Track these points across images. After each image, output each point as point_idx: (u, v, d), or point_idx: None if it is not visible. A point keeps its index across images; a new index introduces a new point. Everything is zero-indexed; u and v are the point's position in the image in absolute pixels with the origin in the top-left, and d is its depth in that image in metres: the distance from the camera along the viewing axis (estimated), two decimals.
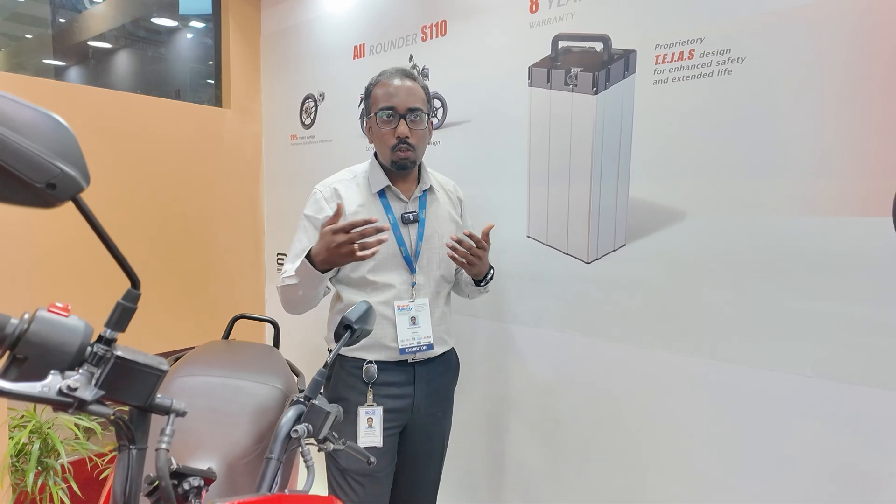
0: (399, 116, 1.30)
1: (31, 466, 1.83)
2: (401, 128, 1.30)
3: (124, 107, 2.15)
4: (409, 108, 1.31)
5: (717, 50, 1.29)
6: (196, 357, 1.55)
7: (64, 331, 0.55)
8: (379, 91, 1.33)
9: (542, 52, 1.58)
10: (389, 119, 1.31)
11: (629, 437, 1.49)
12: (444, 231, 1.42)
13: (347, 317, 0.99)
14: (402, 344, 1.33)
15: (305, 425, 0.82)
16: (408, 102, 1.31)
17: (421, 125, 1.33)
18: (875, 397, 1.12)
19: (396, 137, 1.30)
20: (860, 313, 1.14)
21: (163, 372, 0.59)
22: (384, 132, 1.32)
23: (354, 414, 1.30)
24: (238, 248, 2.54)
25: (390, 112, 1.30)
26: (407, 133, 1.30)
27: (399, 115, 1.30)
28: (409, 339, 1.34)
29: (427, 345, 1.35)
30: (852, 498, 1.16)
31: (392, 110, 1.30)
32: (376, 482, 1.33)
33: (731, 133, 1.28)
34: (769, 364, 1.25)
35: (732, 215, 1.28)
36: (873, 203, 1.11)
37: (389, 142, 1.31)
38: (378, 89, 1.34)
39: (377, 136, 1.35)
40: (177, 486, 0.66)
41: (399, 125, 1.30)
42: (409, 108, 1.31)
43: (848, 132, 1.14)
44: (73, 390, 0.52)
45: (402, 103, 1.30)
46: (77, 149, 0.54)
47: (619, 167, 1.46)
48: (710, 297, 1.33)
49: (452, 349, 1.50)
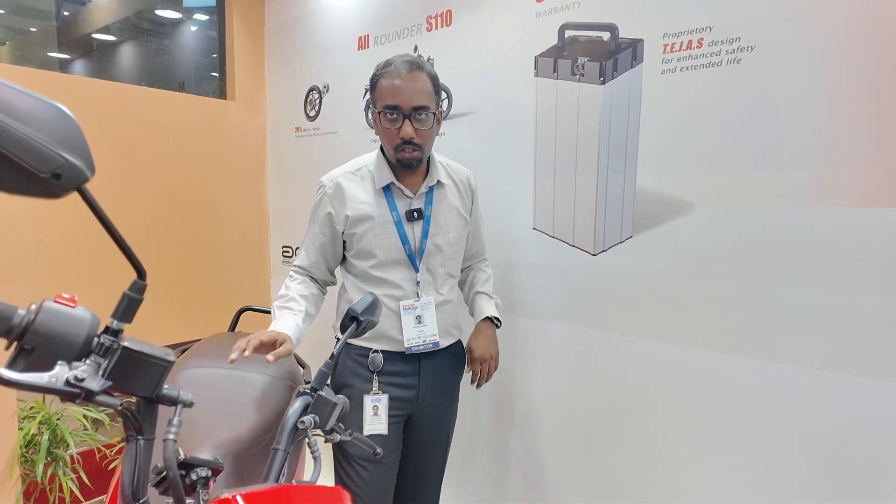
0: (403, 116, 1.24)
1: (41, 457, 1.85)
2: (405, 129, 1.24)
3: (129, 99, 2.15)
4: (415, 107, 1.24)
5: (726, 38, 1.27)
6: (202, 349, 1.56)
7: (71, 321, 0.55)
8: (384, 84, 1.26)
9: (549, 41, 1.57)
10: (393, 119, 1.25)
11: (636, 429, 1.49)
12: (451, 227, 1.38)
13: (353, 308, 0.99)
14: (408, 343, 1.32)
15: (312, 416, 0.82)
16: (413, 101, 1.23)
17: (427, 124, 1.27)
18: (884, 390, 1.11)
19: (401, 138, 1.25)
20: (869, 305, 1.12)
21: (169, 363, 0.59)
22: (388, 131, 1.27)
23: (360, 402, 1.30)
24: (243, 240, 2.54)
25: (394, 111, 1.24)
26: (412, 134, 1.24)
27: (403, 115, 1.24)
28: (415, 337, 1.32)
29: (433, 342, 1.34)
30: (859, 490, 1.16)
31: (396, 110, 1.24)
32: (382, 468, 1.34)
33: (739, 123, 1.26)
34: (777, 356, 1.24)
35: (741, 206, 1.27)
36: (883, 194, 1.10)
37: (393, 141, 1.26)
38: (383, 81, 1.27)
39: (382, 133, 1.30)
40: (184, 477, 0.67)
41: (403, 126, 1.24)
42: (413, 106, 1.24)
43: (858, 122, 1.12)
44: (81, 381, 0.52)
45: (406, 102, 1.23)
46: (82, 139, 0.54)
47: (627, 158, 1.44)
48: (718, 289, 1.32)
49: (459, 341, 1.49)
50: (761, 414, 1.27)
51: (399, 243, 1.32)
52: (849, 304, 1.15)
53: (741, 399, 1.30)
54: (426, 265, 1.36)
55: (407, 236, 1.33)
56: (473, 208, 1.47)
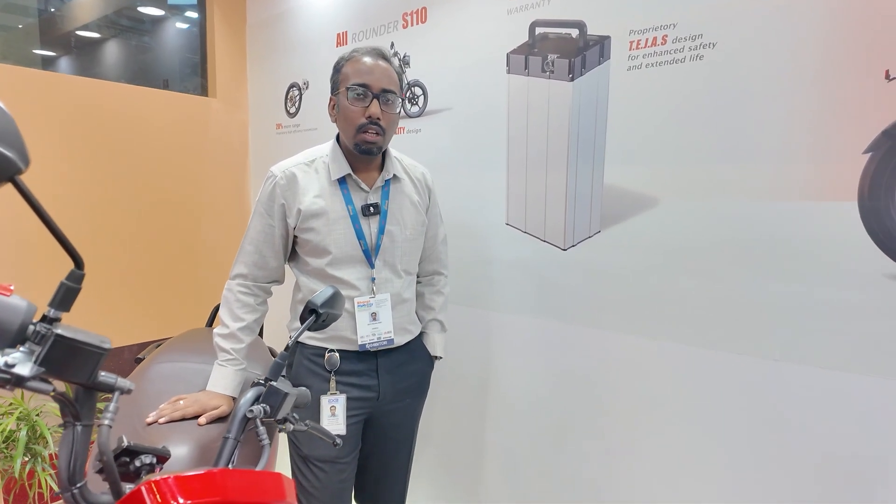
0: (372, 96, 1.22)
1: (19, 453, 1.85)
2: (373, 107, 1.21)
3: (110, 96, 2.16)
4: (384, 90, 1.22)
5: (689, 35, 1.28)
6: (176, 344, 1.57)
7: (5, 309, 0.56)
8: (351, 67, 1.24)
9: (520, 38, 1.58)
10: (361, 97, 1.22)
11: (607, 422, 1.51)
12: (408, 222, 1.34)
13: (313, 301, 0.98)
14: (362, 340, 1.29)
15: (262, 406, 0.83)
16: (382, 83, 1.22)
17: (394, 108, 1.25)
18: (843, 381, 1.13)
19: (367, 117, 1.21)
20: (829, 297, 1.14)
21: (104, 350, 0.60)
22: (353, 110, 1.22)
23: (317, 402, 1.27)
24: (224, 236, 2.55)
25: (363, 89, 1.21)
26: (378, 114, 1.21)
27: (372, 94, 1.21)
28: (369, 334, 1.29)
29: (388, 339, 1.31)
30: (847, 486, 1.18)
31: (365, 88, 1.21)
32: (338, 468, 1.31)
33: (704, 119, 1.28)
34: (740, 348, 1.26)
35: (705, 201, 1.29)
36: (843, 188, 1.12)
37: (357, 121, 1.22)
38: (350, 65, 1.24)
39: (344, 115, 1.25)
40: (128, 463, 0.68)
41: (371, 104, 1.21)
42: (383, 88, 1.22)
43: (817, 117, 1.14)
44: (11, 367, 0.53)
45: (376, 82, 1.22)
46: (14, 130, 0.55)
47: (595, 154, 1.46)
48: (684, 282, 1.34)
49: (418, 337, 1.45)
50: (726, 405, 1.29)
51: (355, 239, 1.28)
52: (809, 297, 1.17)
53: (709, 391, 1.32)
54: (383, 261, 1.32)
55: (363, 231, 1.29)
56: (431, 206, 1.44)
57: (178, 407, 1.14)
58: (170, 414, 1.12)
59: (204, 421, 1.12)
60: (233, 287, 1.31)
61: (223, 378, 1.23)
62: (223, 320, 1.29)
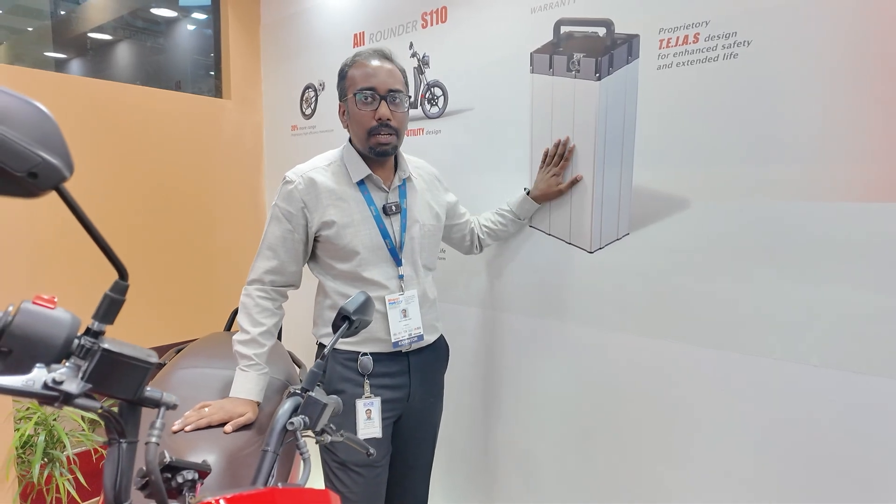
0: (380, 98, 1.24)
1: (37, 458, 1.84)
2: (382, 109, 1.24)
3: (124, 98, 2.14)
4: (391, 90, 1.25)
5: (722, 33, 1.25)
6: (197, 349, 1.55)
7: (49, 323, 0.54)
8: (356, 72, 1.26)
9: (544, 37, 1.55)
10: (369, 100, 1.24)
11: (633, 427, 1.48)
12: (425, 220, 1.38)
13: (345, 308, 0.97)
14: (395, 337, 1.31)
15: (302, 417, 0.81)
16: (388, 84, 1.25)
17: (402, 107, 1.28)
18: (881, 386, 1.10)
19: (377, 120, 1.24)
20: (866, 301, 1.11)
21: (151, 364, 0.58)
22: (363, 114, 1.25)
23: (352, 406, 1.29)
24: (239, 239, 2.53)
25: (370, 93, 1.24)
26: (388, 115, 1.24)
27: (380, 96, 1.24)
28: (402, 331, 1.32)
29: (418, 335, 1.34)
30: (858, 488, 1.15)
31: (372, 91, 1.24)
32: (375, 472, 1.33)
33: (736, 119, 1.25)
34: (775, 353, 1.23)
35: (738, 202, 1.26)
36: (880, 188, 1.08)
37: (368, 124, 1.24)
38: (355, 70, 1.27)
39: (354, 120, 1.27)
40: (170, 480, 0.66)
41: (380, 106, 1.24)
42: (390, 89, 1.25)
43: (855, 116, 1.11)
44: (59, 384, 0.51)
45: (382, 84, 1.24)
46: (59, 137, 0.53)
47: (623, 155, 1.43)
48: (715, 285, 1.31)
49: (442, 336, 1.49)
50: (758, 411, 1.26)
51: (380, 238, 1.30)
52: (845, 300, 1.13)
53: (738, 396, 1.29)
54: (407, 258, 1.34)
55: (387, 231, 1.31)
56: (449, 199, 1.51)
57: (203, 414, 1.13)
58: (196, 422, 1.10)
59: (230, 429, 1.11)
60: (251, 292, 1.30)
61: (247, 383, 1.22)
62: (242, 326, 1.28)
